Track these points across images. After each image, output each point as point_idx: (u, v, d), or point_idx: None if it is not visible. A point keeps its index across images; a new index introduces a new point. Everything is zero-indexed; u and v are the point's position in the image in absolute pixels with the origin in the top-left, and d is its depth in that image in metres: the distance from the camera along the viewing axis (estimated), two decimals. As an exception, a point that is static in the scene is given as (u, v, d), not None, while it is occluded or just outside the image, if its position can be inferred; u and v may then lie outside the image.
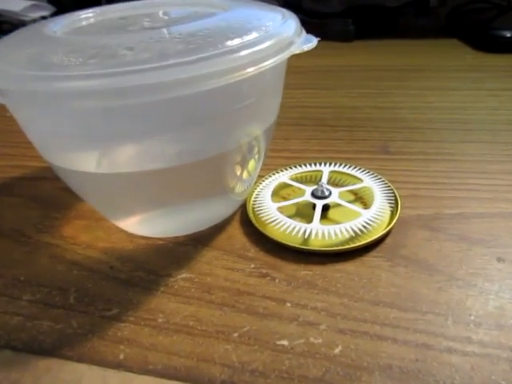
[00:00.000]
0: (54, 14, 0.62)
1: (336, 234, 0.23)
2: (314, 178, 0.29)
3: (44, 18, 0.61)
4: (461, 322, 0.19)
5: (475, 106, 0.39)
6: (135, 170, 0.20)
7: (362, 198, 0.27)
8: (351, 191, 0.27)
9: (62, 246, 0.25)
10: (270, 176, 0.29)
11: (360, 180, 0.28)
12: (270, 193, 0.27)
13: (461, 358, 0.17)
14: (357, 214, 0.25)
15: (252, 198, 0.27)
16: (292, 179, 0.28)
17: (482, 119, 0.37)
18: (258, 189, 0.28)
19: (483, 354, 0.17)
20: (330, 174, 0.29)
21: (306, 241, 0.23)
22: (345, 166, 0.29)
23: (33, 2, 0.59)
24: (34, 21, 0.59)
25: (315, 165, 0.30)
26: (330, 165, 0.29)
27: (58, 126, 0.18)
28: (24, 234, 0.27)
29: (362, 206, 0.26)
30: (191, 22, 0.19)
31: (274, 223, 0.24)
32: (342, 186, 0.27)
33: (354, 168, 0.29)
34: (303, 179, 0.29)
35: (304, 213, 0.26)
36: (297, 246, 0.23)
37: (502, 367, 0.17)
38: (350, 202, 0.26)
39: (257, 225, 0.25)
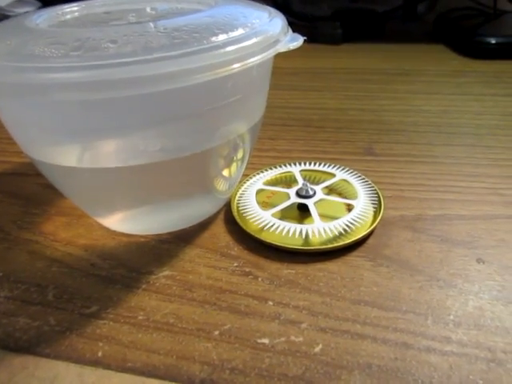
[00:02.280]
0: (40, 10, 0.61)
1: (320, 234, 0.23)
2: (286, 179, 0.29)
3: (30, 13, 0.60)
4: (440, 321, 0.19)
5: (459, 110, 0.40)
6: (117, 165, 0.20)
7: (341, 194, 0.27)
8: (327, 187, 0.27)
9: (42, 243, 0.25)
10: (255, 175, 0.29)
11: (332, 175, 0.28)
12: (255, 193, 0.27)
13: (440, 357, 0.17)
14: (340, 213, 0.25)
15: (236, 197, 0.27)
16: (266, 184, 0.28)
17: (466, 123, 0.37)
18: (243, 188, 0.28)
19: (462, 354, 0.18)
20: (303, 174, 0.29)
21: (308, 241, 0.23)
22: (311, 164, 0.30)
23: (18, -3, 0.58)
24: (20, 16, 0.58)
25: (332, 167, 0.30)
26: (343, 170, 0.29)
27: (39, 119, 0.18)
28: (3, 230, 0.26)
29: (344, 203, 0.26)
30: (177, 17, 0.19)
31: (256, 221, 0.24)
32: (318, 183, 0.27)
33: (321, 164, 0.29)
34: (277, 181, 0.29)
35: (288, 214, 0.25)
36: (296, 247, 0.23)
37: (479, 366, 0.17)
38: (330, 211, 0.26)
39: (241, 224, 0.24)
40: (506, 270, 0.22)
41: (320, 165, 0.30)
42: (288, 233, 0.24)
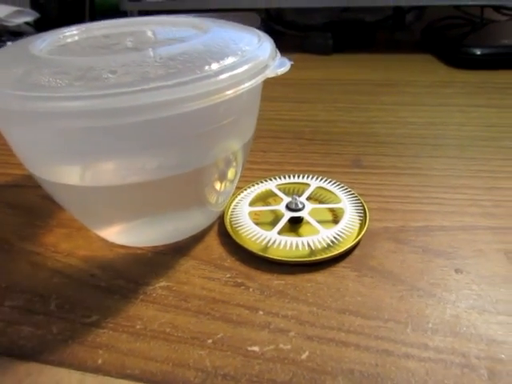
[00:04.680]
0: (38, 20, 0.62)
1: (297, 247, 0.24)
2: (265, 196, 0.30)
3: (27, 23, 0.61)
4: (419, 329, 0.20)
5: (444, 122, 0.41)
6: (117, 183, 0.21)
7: (335, 212, 0.28)
8: (309, 197, 0.29)
9: (43, 254, 0.26)
10: (249, 188, 0.30)
11: (307, 184, 0.30)
12: (249, 201, 0.28)
13: (417, 363, 0.19)
14: (328, 218, 0.27)
15: (230, 210, 0.28)
16: (252, 205, 0.28)
17: (450, 135, 0.39)
18: (236, 200, 0.29)
19: (438, 360, 0.19)
20: (280, 188, 0.30)
21: (268, 249, 0.25)
22: (328, 182, 0.30)
23: (16, 8, 0.59)
24: (19, 26, 0.59)
25: (306, 177, 0.31)
26: (317, 179, 0.30)
27: (42, 143, 0.19)
28: (5, 242, 0.27)
29: (333, 222, 0.27)
30: (172, 45, 0.20)
31: (242, 229, 0.26)
32: (301, 195, 0.29)
33: (334, 184, 0.30)
34: (258, 199, 0.30)
35: (282, 229, 0.26)
36: (304, 259, 0.24)
37: (454, 372, 0.18)
38: (323, 217, 0.27)
39: (234, 236, 0.26)
40: (482, 279, 0.23)
41: (291, 177, 0.31)
42: (292, 247, 0.24)
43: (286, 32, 0.67)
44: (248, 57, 0.20)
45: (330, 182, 0.30)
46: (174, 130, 0.20)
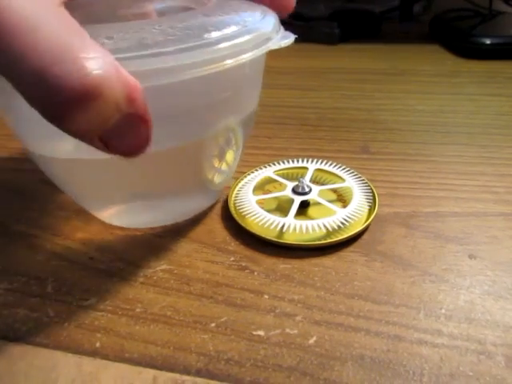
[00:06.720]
0: None
1: (314, 230, 0.23)
2: (297, 175, 0.29)
3: None
4: (432, 315, 0.19)
5: (454, 110, 0.40)
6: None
7: (341, 196, 0.27)
8: (311, 180, 0.28)
9: (41, 237, 0.25)
10: (253, 172, 0.29)
11: (305, 168, 0.29)
12: (252, 188, 0.27)
13: (431, 349, 0.18)
14: (335, 211, 0.25)
15: (234, 193, 0.27)
16: (256, 194, 0.27)
17: (460, 122, 0.38)
18: (239, 186, 0.28)
19: (452, 346, 0.18)
20: (278, 174, 0.29)
21: (283, 235, 0.24)
22: (327, 164, 0.29)
23: None
24: None
25: (300, 161, 0.30)
26: (314, 162, 0.30)
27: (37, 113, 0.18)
28: (2, 225, 0.26)
29: (341, 204, 0.26)
30: (172, 15, 0.19)
31: (253, 217, 0.25)
32: (324, 184, 0.28)
33: (336, 166, 0.29)
34: (288, 176, 0.29)
35: (285, 207, 0.26)
36: (320, 242, 0.23)
37: (469, 359, 0.17)
38: (330, 200, 0.26)
39: (241, 222, 0.25)
40: (497, 265, 0.22)
41: (285, 162, 0.30)
42: (314, 229, 0.23)
43: (291, 22, 0.66)
44: (250, 27, 0.19)
45: (327, 163, 0.29)
46: (171, 100, 0.19)
